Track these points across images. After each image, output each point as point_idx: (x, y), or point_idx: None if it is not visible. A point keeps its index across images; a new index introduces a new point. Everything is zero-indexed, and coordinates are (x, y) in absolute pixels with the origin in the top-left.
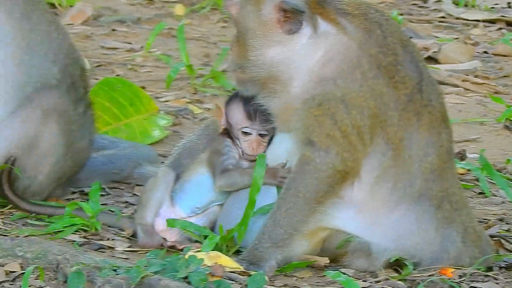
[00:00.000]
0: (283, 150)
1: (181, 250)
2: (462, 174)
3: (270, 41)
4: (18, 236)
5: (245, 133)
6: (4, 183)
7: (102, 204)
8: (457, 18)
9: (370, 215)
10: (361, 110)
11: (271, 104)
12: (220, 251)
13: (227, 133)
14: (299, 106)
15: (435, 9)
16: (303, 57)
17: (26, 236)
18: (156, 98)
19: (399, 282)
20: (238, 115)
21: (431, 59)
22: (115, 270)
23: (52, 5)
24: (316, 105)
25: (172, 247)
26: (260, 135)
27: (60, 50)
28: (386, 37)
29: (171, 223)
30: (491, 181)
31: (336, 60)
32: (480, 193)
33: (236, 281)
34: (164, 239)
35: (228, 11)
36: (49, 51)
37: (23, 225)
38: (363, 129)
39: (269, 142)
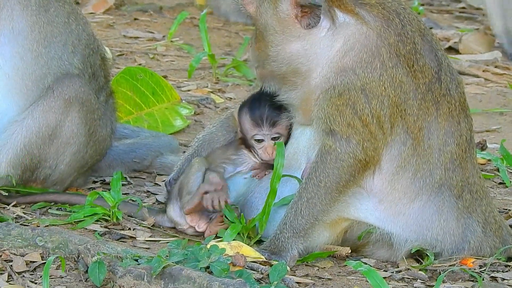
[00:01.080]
0: (304, 142)
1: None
2: (482, 164)
3: (289, 36)
4: (38, 226)
5: (258, 141)
6: None
7: (123, 194)
8: (478, 9)
9: (391, 205)
10: (381, 99)
11: (292, 97)
12: (242, 240)
13: (244, 142)
14: (320, 96)
15: (455, 0)
16: (323, 49)
17: (47, 225)
18: (178, 87)
19: (420, 272)
20: (247, 124)
21: (452, 50)
22: (136, 260)
23: None
24: (336, 95)
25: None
26: (273, 138)
27: (80, 41)
28: (404, 26)
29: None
30: None
31: (355, 50)
32: (500, 183)
33: (258, 271)
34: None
35: (245, 9)
36: (68, 42)
37: (43, 214)
38: (383, 118)
39: (285, 143)
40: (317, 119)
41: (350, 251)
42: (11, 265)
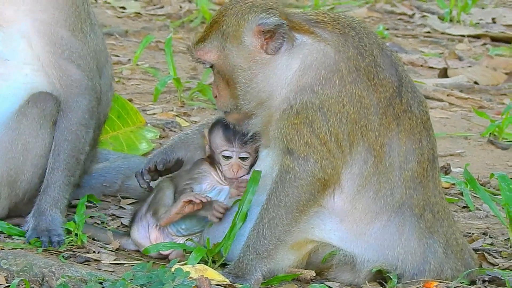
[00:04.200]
0: (270, 164)
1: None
2: (446, 188)
3: (256, 69)
4: (3, 249)
5: (226, 157)
6: None
7: (89, 217)
8: (443, 33)
9: (352, 225)
10: (340, 116)
11: (254, 123)
12: (206, 264)
13: (210, 159)
14: (278, 116)
15: (420, 24)
16: (282, 71)
17: (11, 249)
18: (143, 111)
19: None
20: (218, 139)
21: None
22: (101, 283)
23: None
24: (294, 114)
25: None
26: (240, 158)
27: None
28: (362, 39)
29: (146, 250)
30: (475, 195)
31: (314, 68)
32: (464, 207)
33: None
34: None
35: (204, 60)
36: None
37: (8, 237)
38: (342, 136)
39: (251, 166)
40: (274, 139)
41: (314, 275)
42: None
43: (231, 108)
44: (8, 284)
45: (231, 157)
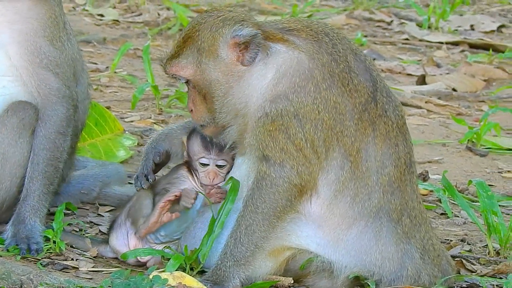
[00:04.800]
0: (245, 171)
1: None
2: (424, 195)
3: (232, 81)
4: None
5: (203, 164)
6: None
7: (67, 225)
8: (421, 40)
9: (330, 231)
10: (315, 123)
11: (230, 132)
12: (184, 271)
13: (188, 165)
14: (254, 124)
15: (399, 31)
16: (257, 81)
17: None
18: (121, 118)
19: None
20: (196, 146)
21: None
22: None
23: None
24: (269, 121)
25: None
26: (217, 166)
27: None
28: (335, 45)
29: (124, 256)
30: (453, 202)
31: (288, 76)
32: (442, 214)
33: None
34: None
35: (179, 76)
36: None
37: None
38: (318, 142)
39: (228, 172)
40: (250, 146)
41: (292, 282)
42: None
43: (208, 122)
44: None
45: (208, 165)
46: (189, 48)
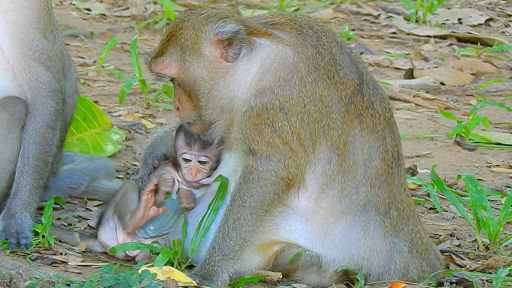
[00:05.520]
0: (233, 166)
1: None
2: (413, 190)
3: (216, 78)
4: None
5: (186, 160)
6: None
7: (56, 219)
8: (408, 34)
9: (317, 225)
10: (301, 116)
11: (217, 128)
12: (173, 265)
13: (173, 161)
14: (239, 118)
15: (386, 25)
16: (242, 75)
17: None
18: (109, 112)
19: None
20: (179, 142)
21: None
22: (68, 285)
23: None
24: (255, 115)
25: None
26: (200, 162)
27: None
28: (320, 38)
29: (113, 250)
30: (442, 196)
31: (272, 70)
32: (431, 209)
33: None
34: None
35: (164, 75)
36: None
37: None
38: (304, 135)
39: (214, 169)
40: (236, 140)
41: (281, 276)
42: None
43: (194, 119)
44: None
45: (190, 160)
46: (173, 46)
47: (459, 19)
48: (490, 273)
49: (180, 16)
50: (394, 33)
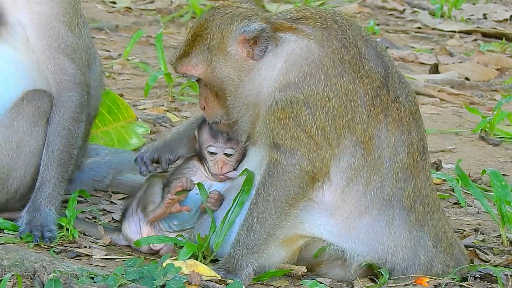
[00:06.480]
0: (258, 160)
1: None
2: (438, 184)
3: (244, 76)
4: None
5: (211, 153)
6: None
7: (80, 212)
8: (433, 29)
9: (342, 219)
10: (326, 110)
11: (242, 123)
12: (197, 259)
13: (199, 155)
14: (264, 113)
15: (411, 20)
16: (267, 71)
17: (3, 243)
18: (134, 106)
19: None
20: (204, 134)
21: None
22: (92, 278)
23: None
24: (279, 109)
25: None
26: (226, 154)
27: None
28: (344, 31)
29: (137, 243)
30: (467, 191)
31: (297, 65)
32: (455, 203)
33: None
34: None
35: (190, 75)
36: None
37: None
38: (329, 129)
39: (240, 162)
40: (260, 135)
41: (305, 270)
42: None
43: (221, 118)
44: (0, 279)
45: (216, 153)
46: (199, 46)
47: (484, 14)
48: None
49: (204, 16)
50: (419, 28)
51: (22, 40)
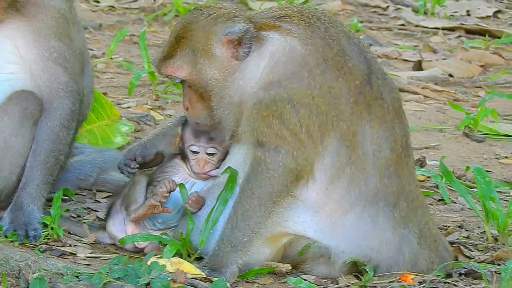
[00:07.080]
0: (241, 158)
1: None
2: (422, 181)
3: (228, 77)
4: None
5: (194, 152)
6: None
7: (65, 211)
8: (417, 26)
9: (326, 216)
10: (310, 108)
11: (226, 121)
12: (181, 257)
13: (181, 153)
14: (248, 111)
15: (395, 17)
16: (252, 70)
17: None
18: (118, 104)
19: None
20: (187, 133)
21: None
22: (77, 277)
23: None
24: (263, 107)
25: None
26: (208, 154)
27: None
28: (327, 28)
29: (122, 241)
30: (451, 188)
31: (281, 63)
32: (439, 200)
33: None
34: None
35: (175, 77)
36: None
37: None
38: (313, 127)
39: (222, 160)
40: (244, 133)
41: (290, 268)
42: None
43: (204, 119)
44: None
45: (198, 152)
46: (183, 48)
47: (468, 11)
48: (499, 264)
49: (188, 17)
50: (403, 25)
51: (12, 51)
